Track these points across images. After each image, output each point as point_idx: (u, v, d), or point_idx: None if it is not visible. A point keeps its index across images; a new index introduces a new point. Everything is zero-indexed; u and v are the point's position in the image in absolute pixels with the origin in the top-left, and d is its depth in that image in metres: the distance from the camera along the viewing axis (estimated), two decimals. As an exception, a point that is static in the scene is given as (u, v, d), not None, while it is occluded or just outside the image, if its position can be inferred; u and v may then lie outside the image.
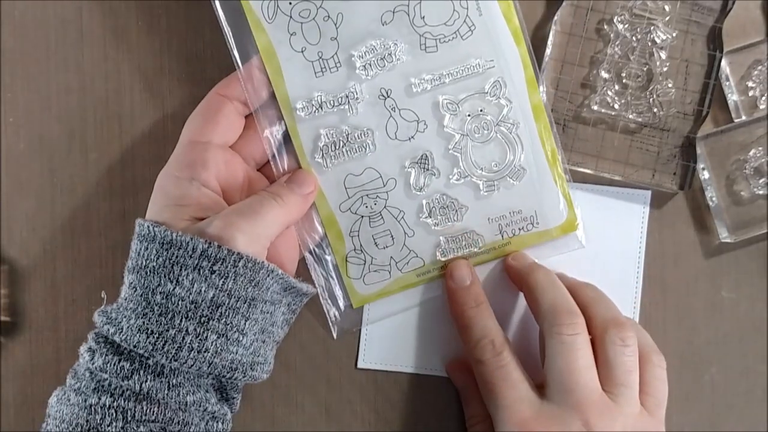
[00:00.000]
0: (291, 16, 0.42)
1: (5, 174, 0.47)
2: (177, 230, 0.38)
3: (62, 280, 0.47)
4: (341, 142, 0.43)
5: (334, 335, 0.46)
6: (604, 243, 0.47)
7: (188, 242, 0.38)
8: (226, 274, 0.38)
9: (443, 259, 0.45)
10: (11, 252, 0.47)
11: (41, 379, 0.47)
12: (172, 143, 0.46)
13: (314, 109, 0.43)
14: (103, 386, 0.38)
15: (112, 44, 0.46)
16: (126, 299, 0.39)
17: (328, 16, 0.42)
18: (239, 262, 0.38)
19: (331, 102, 0.43)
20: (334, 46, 0.42)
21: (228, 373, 0.39)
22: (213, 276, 0.38)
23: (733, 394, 0.48)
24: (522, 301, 0.46)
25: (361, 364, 0.47)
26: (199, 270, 0.38)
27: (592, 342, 0.41)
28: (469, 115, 0.43)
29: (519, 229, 0.45)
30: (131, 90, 0.47)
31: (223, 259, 0.38)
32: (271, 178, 0.44)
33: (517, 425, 0.40)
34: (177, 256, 0.38)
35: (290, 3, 0.42)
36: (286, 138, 0.44)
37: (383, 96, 0.43)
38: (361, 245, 0.44)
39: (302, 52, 0.42)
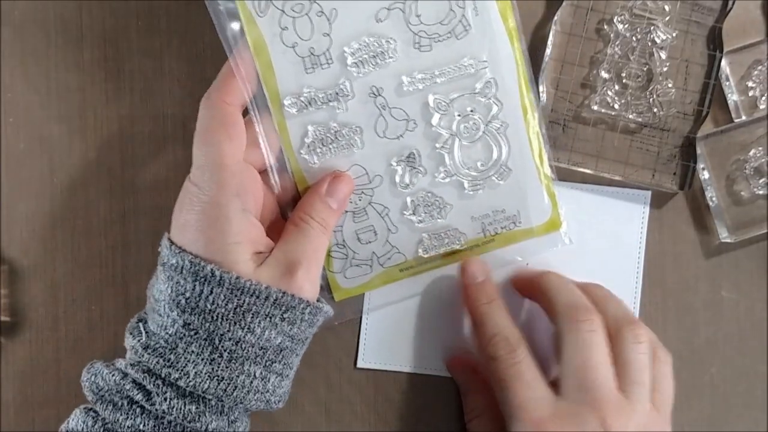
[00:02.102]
0: (283, 11, 0.41)
1: (5, 174, 0.47)
2: (244, 273, 0.38)
3: (62, 280, 0.47)
4: (329, 139, 0.43)
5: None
6: (604, 243, 0.47)
7: (262, 291, 0.38)
8: (294, 321, 0.39)
9: (425, 255, 0.45)
10: (11, 252, 0.47)
11: (41, 379, 0.47)
12: (172, 143, 0.47)
13: (303, 105, 0.42)
14: (162, 423, 0.38)
15: (112, 44, 0.46)
16: (181, 339, 0.38)
17: (322, 12, 0.41)
18: (306, 309, 0.39)
19: (321, 98, 0.42)
20: (326, 42, 0.42)
21: (275, 405, 0.40)
22: (283, 323, 0.39)
23: (733, 394, 0.48)
24: (526, 306, 0.46)
25: (360, 364, 0.47)
26: (270, 318, 0.38)
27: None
28: (458, 115, 0.43)
29: (501, 227, 0.45)
30: (131, 90, 0.47)
31: (294, 307, 0.39)
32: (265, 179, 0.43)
33: (532, 425, 0.39)
34: (249, 304, 0.38)
35: None
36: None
37: (374, 94, 0.42)
38: (344, 240, 0.44)
39: (293, 47, 0.41)
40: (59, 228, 0.47)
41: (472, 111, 0.43)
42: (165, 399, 0.37)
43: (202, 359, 0.37)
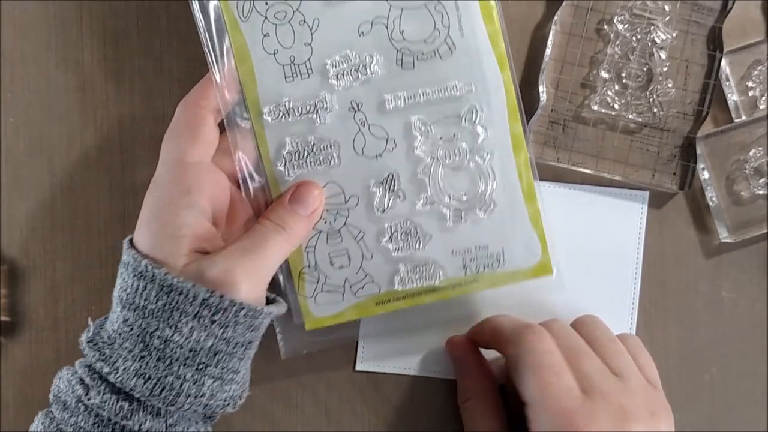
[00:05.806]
0: (266, 17, 0.40)
1: (5, 174, 0.47)
2: (177, 269, 0.37)
3: (62, 280, 0.47)
4: (305, 152, 0.41)
5: (282, 355, 0.44)
6: (602, 244, 0.47)
7: (189, 289, 0.36)
8: (226, 324, 0.37)
9: (401, 288, 0.43)
10: (11, 252, 0.47)
11: (41, 379, 0.47)
12: (172, 143, 0.46)
13: (281, 114, 0.41)
14: (101, 420, 0.38)
15: (112, 44, 0.46)
16: (120, 335, 0.38)
17: (304, 21, 0.41)
18: (240, 312, 0.37)
19: (300, 109, 0.41)
20: (307, 52, 0.41)
21: (221, 409, 0.39)
22: (213, 326, 0.37)
23: (733, 394, 0.48)
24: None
25: (359, 367, 0.47)
26: (199, 319, 0.37)
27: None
28: (441, 139, 0.42)
29: (484, 266, 0.43)
30: (131, 90, 0.47)
31: (225, 309, 0.37)
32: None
33: (562, 416, 0.37)
34: (177, 302, 0.37)
35: (266, 3, 0.40)
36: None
37: (353, 109, 0.41)
38: (316, 262, 0.42)
39: (274, 54, 0.41)
40: (59, 228, 0.47)
41: (455, 136, 0.42)
42: (99, 392, 0.37)
43: (133, 356, 0.37)
